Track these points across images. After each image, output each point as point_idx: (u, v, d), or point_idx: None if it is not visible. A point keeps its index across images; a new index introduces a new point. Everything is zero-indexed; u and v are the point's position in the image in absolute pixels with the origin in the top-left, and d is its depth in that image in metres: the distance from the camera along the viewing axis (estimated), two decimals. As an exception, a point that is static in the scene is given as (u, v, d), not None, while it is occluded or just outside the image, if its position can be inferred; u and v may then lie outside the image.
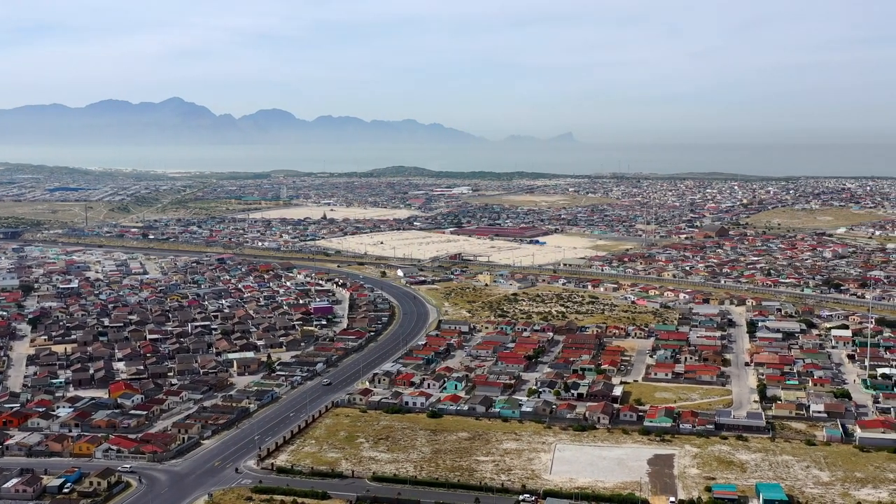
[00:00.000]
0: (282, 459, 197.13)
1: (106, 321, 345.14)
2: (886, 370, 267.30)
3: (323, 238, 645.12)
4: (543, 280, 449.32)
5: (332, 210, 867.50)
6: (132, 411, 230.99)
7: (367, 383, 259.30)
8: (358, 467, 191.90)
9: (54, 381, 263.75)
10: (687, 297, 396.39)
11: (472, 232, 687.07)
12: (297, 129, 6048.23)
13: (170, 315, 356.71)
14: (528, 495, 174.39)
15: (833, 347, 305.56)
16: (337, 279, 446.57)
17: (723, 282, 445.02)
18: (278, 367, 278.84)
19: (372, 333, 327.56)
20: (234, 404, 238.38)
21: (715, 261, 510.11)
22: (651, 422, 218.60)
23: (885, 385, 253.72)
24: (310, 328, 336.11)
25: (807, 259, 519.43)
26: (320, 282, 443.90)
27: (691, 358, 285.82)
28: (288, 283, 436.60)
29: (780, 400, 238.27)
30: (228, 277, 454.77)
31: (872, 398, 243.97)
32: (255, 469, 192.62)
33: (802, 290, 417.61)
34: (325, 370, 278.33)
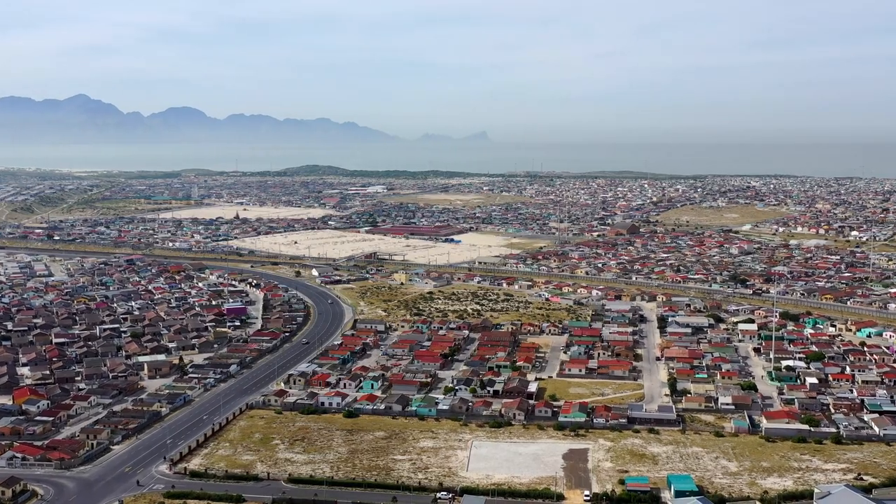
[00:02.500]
0: (195, 463, 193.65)
1: (9, 325, 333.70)
2: (790, 362, 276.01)
3: (236, 238, 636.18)
4: (459, 278, 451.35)
5: (245, 210, 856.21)
6: (38, 417, 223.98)
7: (283, 384, 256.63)
8: (273, 469, 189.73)
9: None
10: (599, 293, 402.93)
11: (387, 231, 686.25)
12: (209, 128, 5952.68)
13: (77, 318, 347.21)
14: (445, 493, 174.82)
15: (740, 341, 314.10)
16: (250, 279, 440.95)
17: (634, 278, 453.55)
18: (191, 370, 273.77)
19: (287, 334, 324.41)
20: (144, 408, 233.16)
21: (626, 258, 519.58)
22: (566, 417, 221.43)
23: (789, 377, 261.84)
24: (223, 329, 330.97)
25: (714, 255, 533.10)
26: (233, 282, 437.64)
27: (604, 353, 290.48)
28: (200, 284, 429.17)
29: (690, 393, 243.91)
30: (138, 279, 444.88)
31: (777, 390, 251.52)
32: (168, 474, 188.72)
33: (710, 286, 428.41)
34: (238, 372, 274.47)
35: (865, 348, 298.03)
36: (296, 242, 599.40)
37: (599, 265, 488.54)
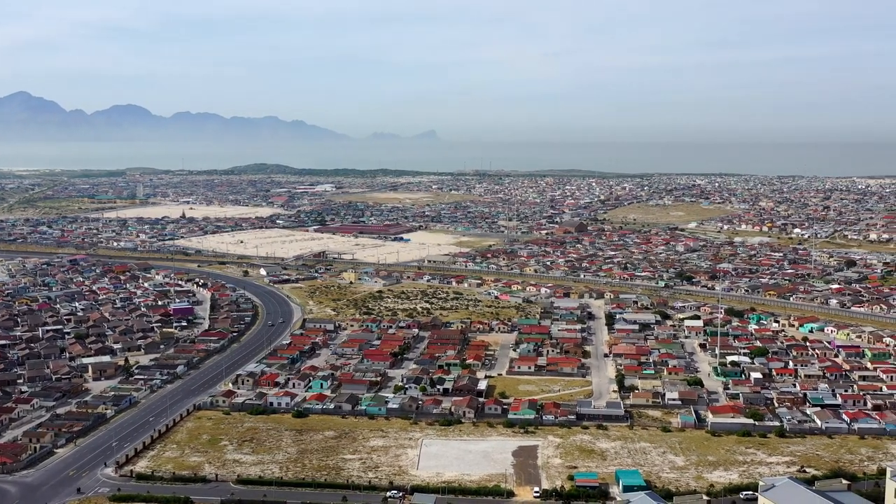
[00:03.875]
0: (141, 466, 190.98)
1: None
2: (735, 358, 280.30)
3: (182, 237, 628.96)
4: (408, 277, 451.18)
5: (191, 209, 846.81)
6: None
7: (231, 385, 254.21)
8: (222, 470, 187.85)
9: None
10: (548, 291, 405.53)
11: (336, 230, 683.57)
12: (154, 126, 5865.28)
13: (18, 319, 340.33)
14: (395, 492, 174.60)
15: (686, 337, 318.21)
16: (197, 279, 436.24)
17: (582, 276, 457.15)
18: (136, 371, 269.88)
19: (235, 334, 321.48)
20: (89, 411, 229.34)
21: (574, 256, 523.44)
22: (515, 414, 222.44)
23: (734, 372, 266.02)
24: (169, 330, 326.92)
25: (661, 253, 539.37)
26: (180, 282, 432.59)
27: (553, 351, 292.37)
28: (146, 285, 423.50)
29: (638, 389, 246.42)
30: (82, 279, 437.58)
31: (723, 385, 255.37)
32: (114, 477, 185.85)
33: (657, 283, 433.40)
34: (186, 372, 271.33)
35: (808, 343, 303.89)
36: (242, 242, 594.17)
37: (548, 263, 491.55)
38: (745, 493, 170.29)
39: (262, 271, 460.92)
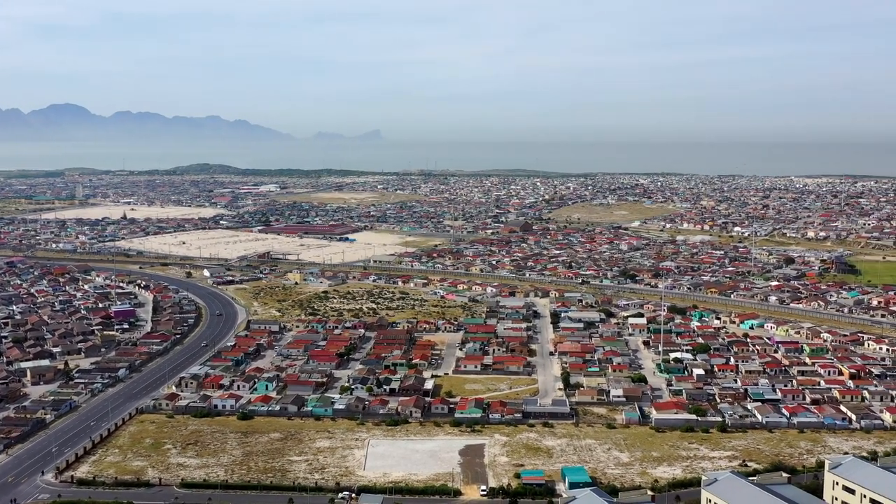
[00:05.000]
0: (82, 471, 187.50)
1: None
2: (678, 354, 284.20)
3: (123, 238, 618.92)
4: (354, 277, 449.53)
5: (132, 209, 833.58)
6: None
7: (174, 387, 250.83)
8: (165, 475, 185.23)
9: None
10: (494, 290, 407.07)
11: (280, 230, 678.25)
12: (93, 125, 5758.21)
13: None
14: (347, 493, 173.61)
15: (630, 335, 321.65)
16: (139, 281, 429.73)
17: (527, 275, 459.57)
18: (77, 375, 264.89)
19: (178, 336, 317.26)
20: (28, 416, 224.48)
21: (520, 255, 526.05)
22: (462, 413, 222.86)
23: (677, 369, 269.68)
24: (111, 333, 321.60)
25: (605, 252, 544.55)
26: (121, 284, 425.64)
27: (499, 349, 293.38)
28: (86, 287, 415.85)
29: (583, 386, 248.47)
30: (19, 282, 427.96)
31: (666, 381, 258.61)
32: (54, 483, 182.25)
33: (601, 281, 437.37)
34: (128, 376, 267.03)
35: (748, 340, 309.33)
36: (184, 243, 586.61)
37: (493, 262, 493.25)
38: (689, 488, 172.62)
39: (206, 272, 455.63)
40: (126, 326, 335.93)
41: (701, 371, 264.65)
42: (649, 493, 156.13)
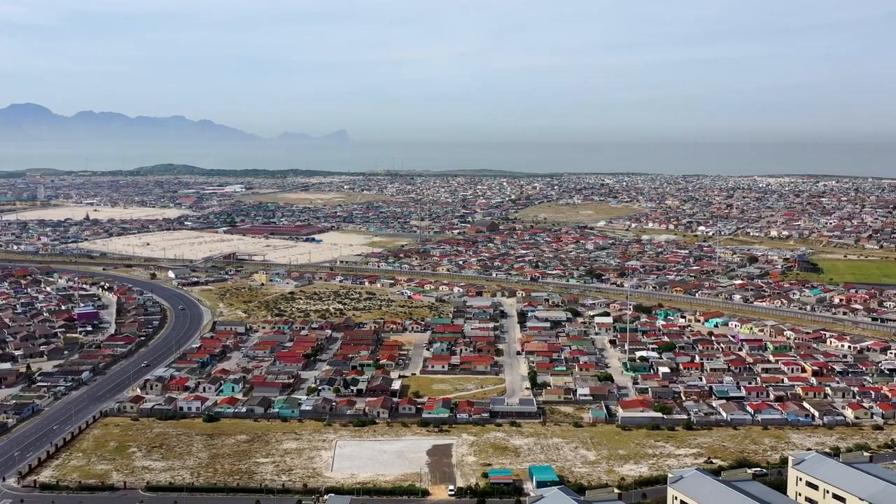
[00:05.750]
0: (46, 475, 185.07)
1: None
2: (644, 353, 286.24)
3: (86, 240, 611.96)
4: (320, 278, 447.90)
5: (95, 210, 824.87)
6: None
7: (139, 390, 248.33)
8: (130, 478, 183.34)
9: None
10: (461, 290, 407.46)
11: (246, 231, 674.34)
12: (55, 125, 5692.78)
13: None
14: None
15: (596, 334, 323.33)
16: (103, 283, 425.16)
17: (494, 275, 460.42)
18: (39, 378, 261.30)
19: (142, 338, 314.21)
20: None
21: (486, 255, 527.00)
22: (429, 413, 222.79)
23: (642, 367, 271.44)
24: (74, 335, 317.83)
25: (571, 251, 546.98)
26: (84, 286, 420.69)
27: (466, 349, 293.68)
28: (48, 289, 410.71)
29: (550, 385, 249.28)
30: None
31: (632, 380, 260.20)
32: (16, 487, 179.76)
33: (568, 281, 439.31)
34: (91, 378, 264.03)
35: (713, 338, 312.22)
36: (149, 244, 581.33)
37: (460, 262, 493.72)
38: (655, 485, 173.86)
39: (171, 274, 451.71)
40: (89, 329, 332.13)
41: (666, 369, 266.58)
42: (616, 491, 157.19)
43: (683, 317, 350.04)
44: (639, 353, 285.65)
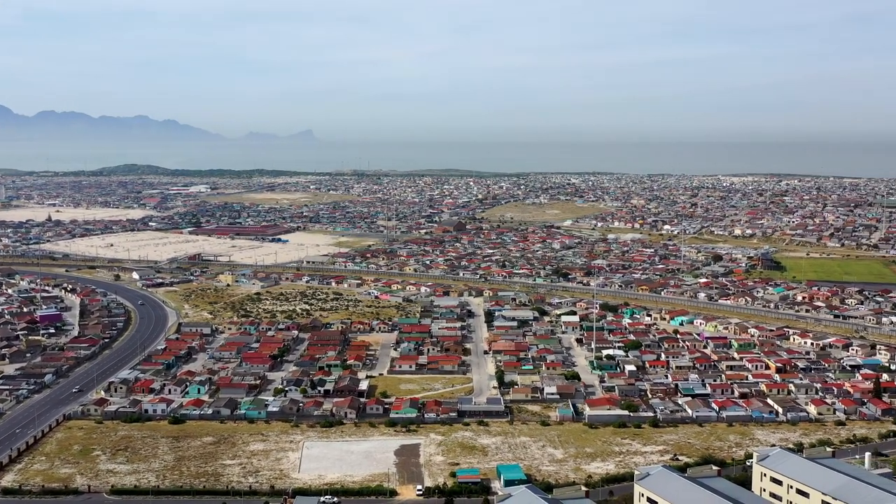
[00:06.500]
0: (8, 480, 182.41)
1: None
2: (610, 351, 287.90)
3: (49, 241, 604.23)
4: (287, 278, 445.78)
5: (58, 211, 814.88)
6: None
7: (103, 392, 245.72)
8: (95, 481, 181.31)
9: None
10: (428, 290, 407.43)
11: (211, 231, 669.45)
12: (16, 125, 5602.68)
13: None
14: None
15: (563, 333, 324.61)
16: (66, 284, 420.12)
17: (461, 274, 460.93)
18: (0, 381, 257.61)
19: (106, 340, 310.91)
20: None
21: (454, 254, 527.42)
22: (397, 413, 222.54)
23: (609, 365, 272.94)
24: (36, 337, 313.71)
25: (538, 250, 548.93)
26: (47, 288, 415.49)
27: (434, 349, 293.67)
28: (9, 291, 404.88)
29: (517, 385, 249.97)
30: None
31: (599, 378, 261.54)
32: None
33: (534, 280, 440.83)
34: (54, 381, 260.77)
35: (678, 336, 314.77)
36: (112, 245, 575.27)
37: (427, 262, 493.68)
38: (622, 483, 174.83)
39: (135, 275, 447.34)
40: (52, 331, 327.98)
41: (633, 367, 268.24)
42: (583, 488, 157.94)
43: (649, 315, 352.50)
44: (605, 352, 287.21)
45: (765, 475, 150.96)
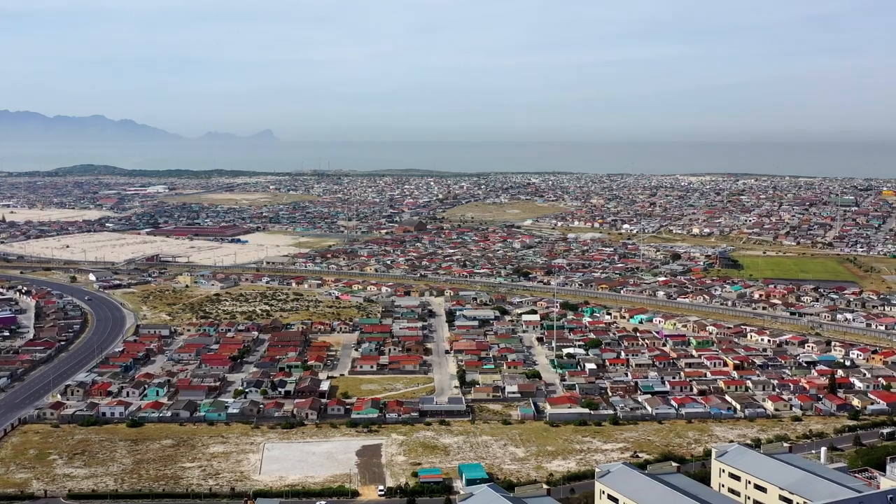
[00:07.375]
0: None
1: None
2: (571, 350, 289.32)
3: (2, 243, 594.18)
4: (247, 279, 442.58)
5: (12, 212, 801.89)
6: None
7: (59, 396, 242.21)
8: (51, 486, 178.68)
9: None
10: (389, 290, 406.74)
11: (170, 232, 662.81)
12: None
13: None
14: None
15: (524, 332, 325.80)
16: (20, 286, 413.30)
17: (422, 274, 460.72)
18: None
19: (63, 342, 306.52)
20: None
21: (414, 254, 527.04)
22: (358, 414, 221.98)
23: (569, 364, 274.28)
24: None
25: (498, 250, 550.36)
26: (1, 290, 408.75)
27: (395, 349, 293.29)
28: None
29: (479, 384, 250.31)
30: None
31: (559, 376, 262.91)
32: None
33: (495, 280, 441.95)
34: (9, 385, 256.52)
35: (638, 334, 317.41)
36: (68, 246, 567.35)
37: (388, 262, 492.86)
38: (583, 480, 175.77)
39: (92, 277, 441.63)
40: (6, 334, 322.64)
41: (593, 365, 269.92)
42: (545, 486, 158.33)
43: (609, 314, 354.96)
44: (566, 350, 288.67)
45: (723, 471, 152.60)
